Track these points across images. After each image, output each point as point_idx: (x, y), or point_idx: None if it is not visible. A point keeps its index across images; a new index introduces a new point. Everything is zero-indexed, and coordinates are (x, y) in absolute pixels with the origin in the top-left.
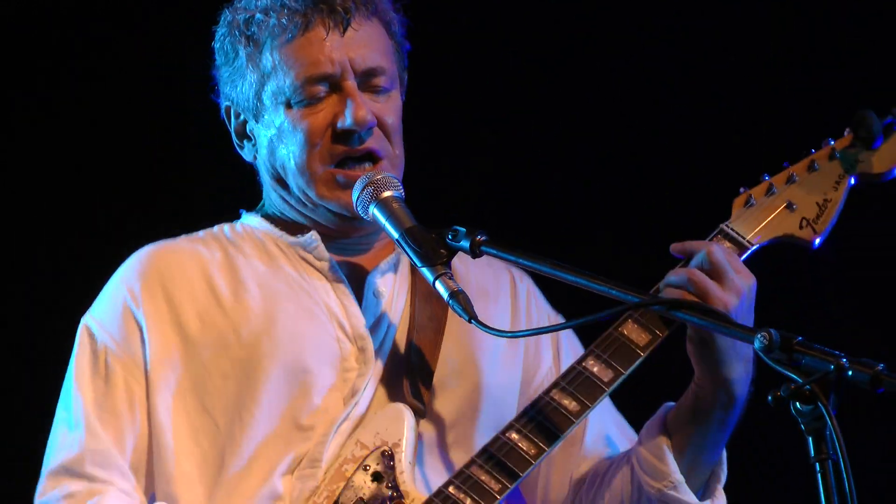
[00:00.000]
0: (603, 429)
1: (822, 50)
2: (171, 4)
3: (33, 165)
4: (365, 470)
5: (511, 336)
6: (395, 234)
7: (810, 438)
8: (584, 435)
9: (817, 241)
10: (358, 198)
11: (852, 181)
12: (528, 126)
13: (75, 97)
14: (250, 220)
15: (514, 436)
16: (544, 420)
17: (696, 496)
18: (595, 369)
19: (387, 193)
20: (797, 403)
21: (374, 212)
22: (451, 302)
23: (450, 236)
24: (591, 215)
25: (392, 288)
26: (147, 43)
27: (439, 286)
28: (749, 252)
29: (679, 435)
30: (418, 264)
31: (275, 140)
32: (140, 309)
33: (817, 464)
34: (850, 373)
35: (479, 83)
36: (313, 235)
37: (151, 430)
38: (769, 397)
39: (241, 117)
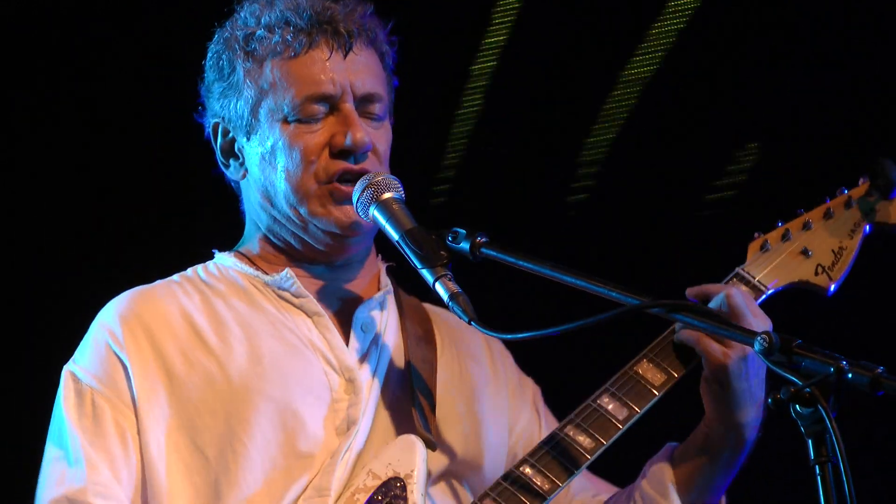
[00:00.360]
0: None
1: (835, 97)
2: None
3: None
4: (377, 500)
5: (511, 338)
6: (396, 236)
7: (810, 441)
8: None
9: (832, 287)
10: (358, 199)
11: (868, 229)
12: (540, 134)
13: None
14: (223, 261)
15: (529, 470)
16: (559, 456)
17: None
18: (610, 407)
19: (387, 195)
20: (797, 406)
21: (375, 213)
22: (451, 304)
23: (450, 238)
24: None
25: (380, 323)
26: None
27: (439, 287)
28: (764, 296)
29: (684, 474)
30: (418, 266)
31: (267, 157)
32: (123, 350)
33: (817, 466)
34: (849, 375)
35: (486, 85)
36: (288, 273)
37: (144, 466)
38: (769, 399)
39: (230, 135)
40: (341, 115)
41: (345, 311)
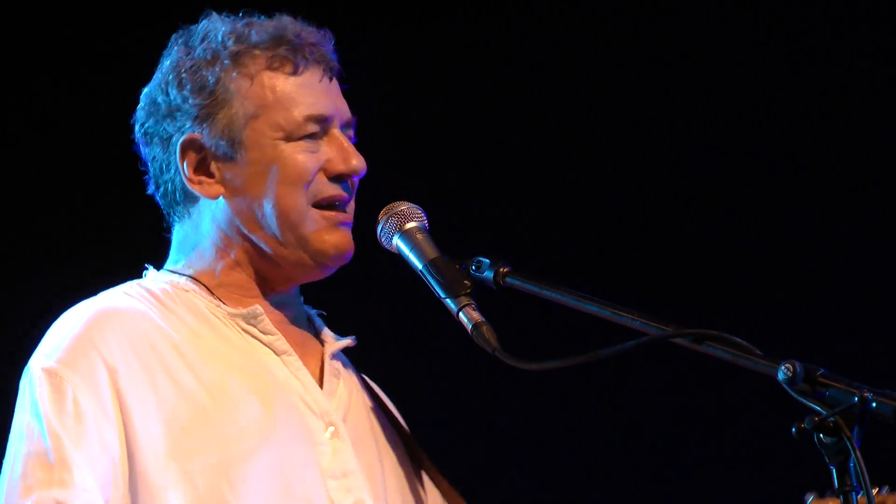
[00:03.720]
0: None
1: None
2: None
3: None
4: None
5: (536, 369)
6: (419, 265)
7: (834, 470)
8: None
9: None
10: (382, 229)
11: None
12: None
13: None
14: (172, 280)
15: None
16: None
17: None
18: None
19: (411, 224)
20: (821, 435)
21: (398, 243)
22: (474, 333)
23: (473, 268)
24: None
25: (343, 369)
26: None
27: (463, 317)
28: None
29: None
30: (441, 296)
31: (259, 175)
32: (109, 355)
33: (841, 496)
34: (874, 405)
35: (508, 114)
36: (258, 308)
37: (132, 475)
38: (793, 429)
39: (206, 152)
40: (333, 139)
41: (305, 353)
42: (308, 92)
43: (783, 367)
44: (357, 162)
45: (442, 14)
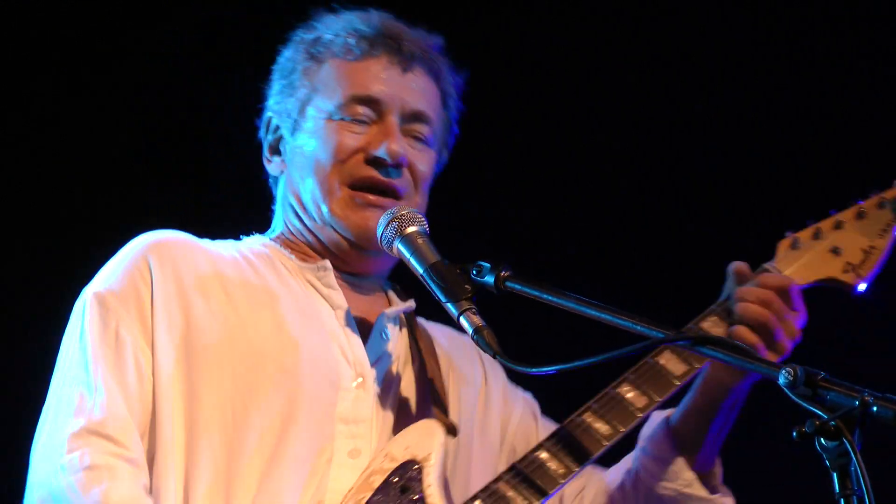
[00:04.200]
0: None
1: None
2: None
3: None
4: (392, 482)
5: (537, 373)
6: (420, 270)
7: (835, 474)
8: None
9: (861, 286)
10: (382, 233)
11: None
12: (560, 160)
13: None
14: (256, 241)
15: (544, 455)
16: (574, 441)
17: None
18: (629, 395)
19: (412, 229)
20: (822, 439)
21: (399, 247)
22: (475, 337)
23: (474, 272)
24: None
25: (396, 334)
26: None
27: (464, 322)
28: None
29: (688, 436)
30: (442, 300)
31: (305, 152)
32: (151, 284)
33: (842, 500)
34: (874, 408)
35: (512, 118)
36: (327, 263)
37: (154, 403)
38: (794, 433)
39: (279, 131)
40: (384, 125)
41: (365, 314)
42: (364, 76)
43: (784, 371)
44: (394, 147)
45: (442, 14)
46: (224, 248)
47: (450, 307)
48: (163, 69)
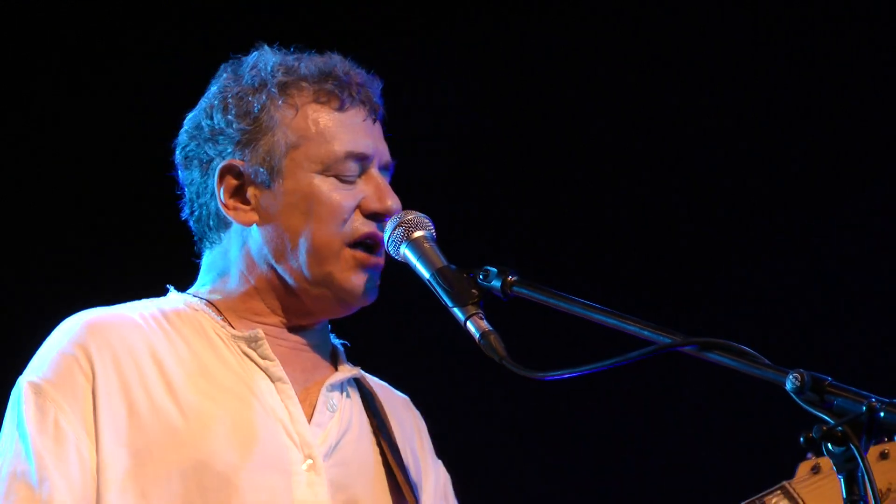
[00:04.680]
0: None
1: None
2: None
3: None
4: None
5: (543, 378)
6: (426, 274)
7: (842, 479)
8: None
9: None
10: (389, 238)
11: None
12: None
13: None
14: (187, 301)
15: None
16: None
17: None
18: None
19: (418, 233)
20: (829, 445)
21: (405, 251)
22: (482, 342)
23: (481, 276)
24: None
25: (345, 404)
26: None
27: (470, 326)
28: None
29: None
30: (449, 304)
31: (294, 207)
32: (92, 375)
33: None
34: (882, 414)
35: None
36: (259, 332)
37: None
38: (801, 438)
39: (245, 178)
40: (370, 178)
41: (308, 382)
42: (350, 129)
43: (791, 377)
44: (393, 202)
45: (444, 19)
46: (153, 317)
47: (457, 312)
48: (163, 69)
